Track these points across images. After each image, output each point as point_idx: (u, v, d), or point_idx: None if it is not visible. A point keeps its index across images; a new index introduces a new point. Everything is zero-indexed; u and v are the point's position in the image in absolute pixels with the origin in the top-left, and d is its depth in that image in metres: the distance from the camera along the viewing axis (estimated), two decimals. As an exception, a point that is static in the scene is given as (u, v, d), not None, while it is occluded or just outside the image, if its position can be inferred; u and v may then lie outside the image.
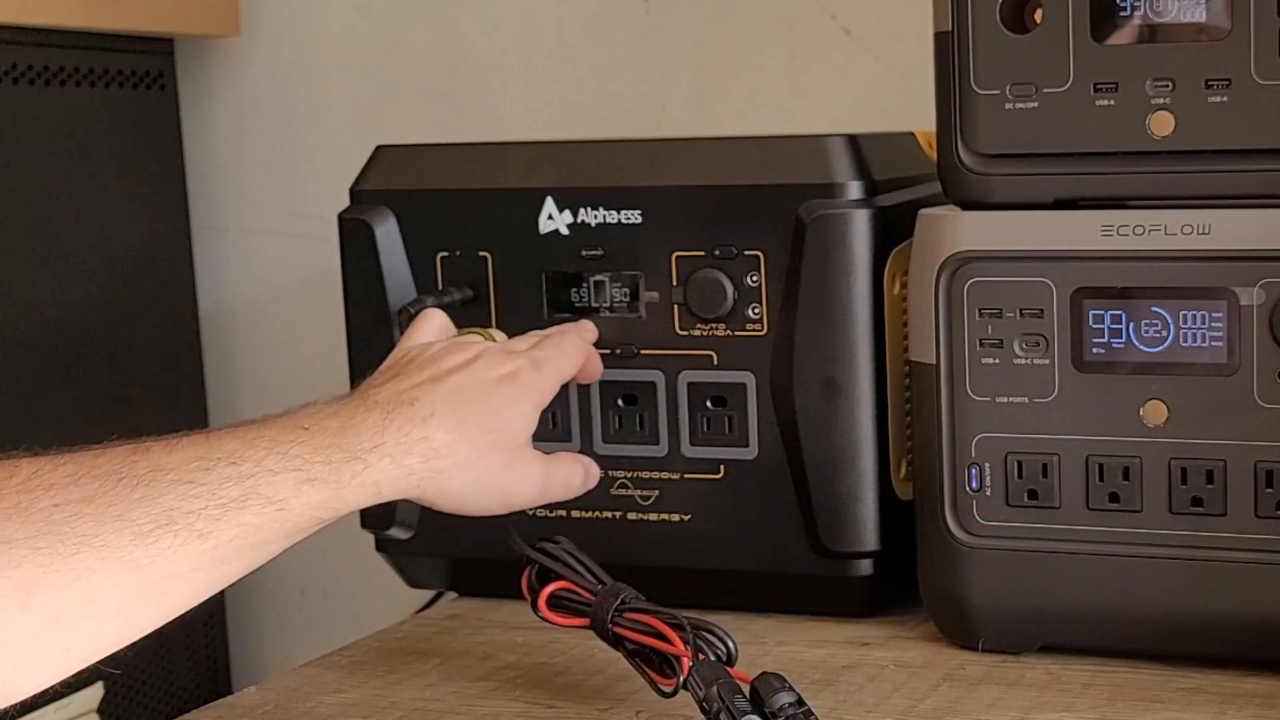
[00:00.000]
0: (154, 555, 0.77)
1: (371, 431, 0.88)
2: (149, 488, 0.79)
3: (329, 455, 0.86)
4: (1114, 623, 0.96)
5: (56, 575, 0.74)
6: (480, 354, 0.97)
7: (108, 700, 1.41)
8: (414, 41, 1.50)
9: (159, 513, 0.78)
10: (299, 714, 0.97)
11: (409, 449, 0.89)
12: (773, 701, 0.82)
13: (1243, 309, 0.92)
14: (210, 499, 0.80)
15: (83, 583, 0.75)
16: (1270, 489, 0.93)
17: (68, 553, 0.75)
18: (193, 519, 0.79)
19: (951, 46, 0.96)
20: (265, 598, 1.61)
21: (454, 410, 0.92)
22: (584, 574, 0.94)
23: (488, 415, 0.93)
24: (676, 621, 0.87)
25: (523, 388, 0.96)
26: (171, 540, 0.78)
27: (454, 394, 0.93)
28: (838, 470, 1.05)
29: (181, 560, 0.79)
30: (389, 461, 0.88)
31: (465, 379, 0.94)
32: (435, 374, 0.94)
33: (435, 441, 0.90)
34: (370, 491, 0.88)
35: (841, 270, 1.04)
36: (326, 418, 0.88)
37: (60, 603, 0.75)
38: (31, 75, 1.35)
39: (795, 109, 1.40)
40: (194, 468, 0.81)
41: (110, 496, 0.77)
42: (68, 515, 0.76)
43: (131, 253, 1.46)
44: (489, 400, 0.94)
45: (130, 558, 0.77)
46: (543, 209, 1.10)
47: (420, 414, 0.91)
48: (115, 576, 0.76)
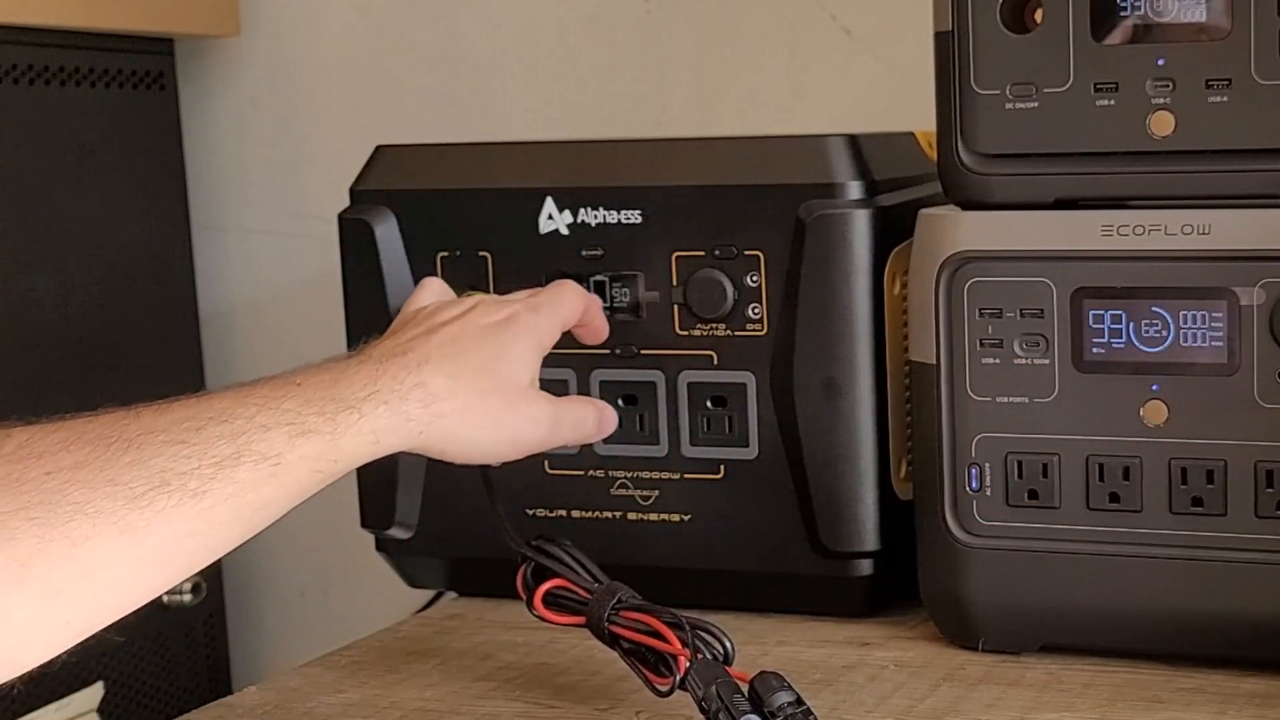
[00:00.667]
0: (149, 519, 0.76)
1: (364, 381, 0.87)
2: (140, 450, 0.78)
3: (322, 406, 0.84)
4: (1114, 623, 0.96)
5: (52, 545, 0.73)
6: (475, 305, 0.96)
7: (108, 700, 1.41)
8: (414, 41, 1.50)
9: (151, 475, 0.77)
10: (299, 714, 0.97)
11: (404, 395, 0.88)
12: (771, 701, 0.82)
13: (1243, 309, 0.92)
14: (202, 458, 0.79)
15: (79, 551, 0.74)
16: (1270, 489, 0.93)
17: (60, 521, 0.74)
18: (186, 479, 0.78)
19: (951, 46, 0.96)
20: (265, 598, 1.62)
21: (449, 357, 0.91)
22: (580, 572, 0.94)
23: (486, 359, 0.92)
24: (674, 620, 0.87)
25: (520, 329, 0.95)
26: (165, 502, 0.77)
27: (449, 342, 0.92)
28: (838, 470, 1.05)
29: (178, 522, 0.77)
30: (385, 409, 0.87)
31: (460, 327, 0.93)
32: (430, 326, 0.94)
33: (432, 386, 0.89)
34: (368, 441, 0.86)
35: (841, 270, 1.04)
36: (319, 372, 0.87)
37: (59, 575, 0.74)
38: (31, 75, 1.35)
39: (795, 109, 1.40)
40: (184, 428, 0.79)
41: (101, 461, 0.76)
42: (60, 483, 0.75)
43: (131, 253, 1.46)
44: (486, 345, 0.93)
45: (125, 521, 0.76)
46: (543, 209, 1.10)
47: (414, 362, 0.90)
48: (111, 542, 0.75)
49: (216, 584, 1.55)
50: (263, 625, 1.62)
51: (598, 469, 1.11)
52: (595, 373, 1.10)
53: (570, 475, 1.11)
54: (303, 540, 1.60)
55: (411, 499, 1.15)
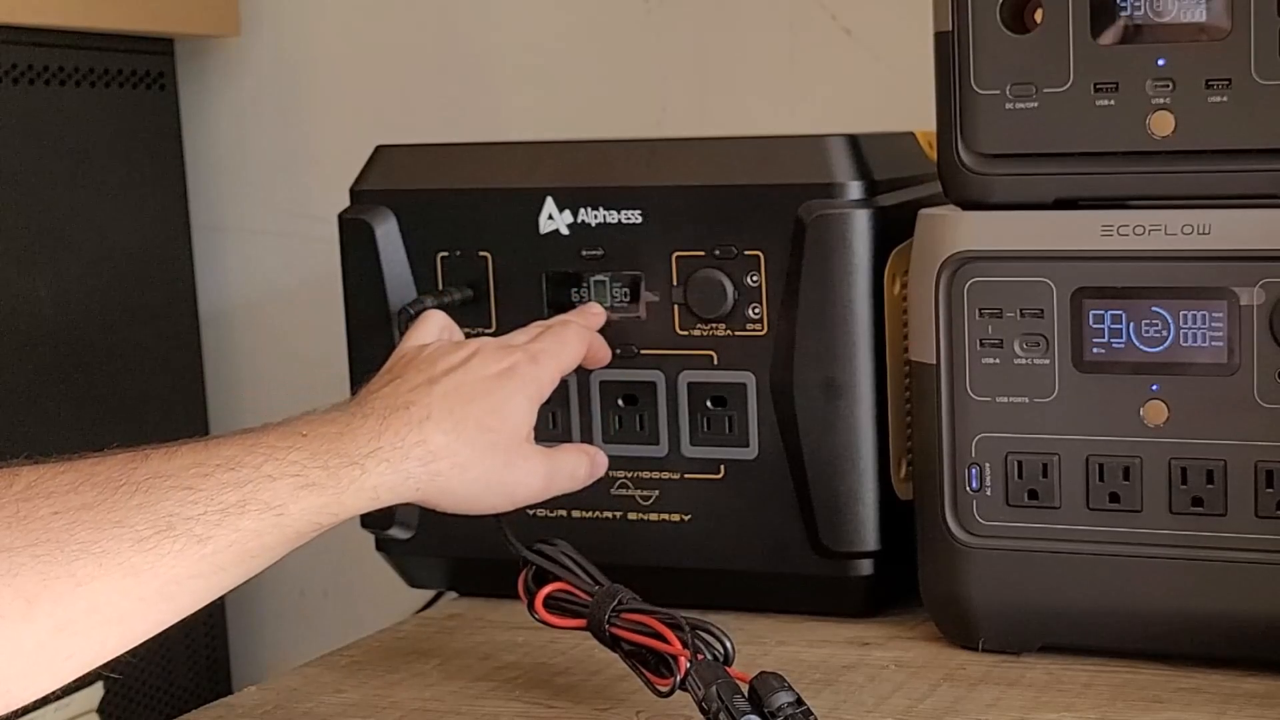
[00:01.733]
0: (153, 561, 0.78)
1: (368, 437, 0.88)
2: (147, 494, 0.79)
3: (326, 461, 0.86)
4: (1114, 623, 0.96)
5: (56, 582, 0.75)
6: (476, 351, 0.97)
7: (108, 700, 1.41)
8: (414, 41, 1.50)
9: (158, 519, 0.78)
10: (299, 714, 0.97)
11: (405, 453, 0.89)
12: (771, 701, 0.82)
13: (1243, 309, 0.92)
14: (209, 505, 0.80)
15: (83, 590, 0.75)
16: (1270, 489, 0.93)
17: (66, 559, 0.75)
18: (192, 525, 0.79)
19: (951, 46, 0.96)
20: (265, 598, 1.61)
21: (451, 412, 0.92)
22: (581, 575, 0.94)
23: (485, 413, 0.93)
24: (674, 621, 0.87)
25: (520, 383, 0.96)
26: (171, 546, 0.78)
27: (450, 394, 0.93)
28: (838, 470, 1.05)
29: (181, 566, 0.79)
30: (386, 466, 0.88)
31: (461, 378, 0.94)
32: (431, 375, 0.94)
33: (433, 444, 0.90)
34: (369, 497, 0.88)
35: (841, 270, 1.04)
36: (324, 424, 0.88)
37: (63, 611, 0.75)
38: (31, 75, 1.35)
39: (795, 109, 1.40)
40: (192, 474, 0.81)
41: (109, 504, 0.78)
42: (67, 523, 0.76)
43: (131, 253, 1.46)
44: (486, 398, 0.94)
45: (130, 564, 0.77)
46: (543, 209, 1.10)
47: (416, 417, 0.91)
48: (116, 583, 0.77)
49: (216, 584, 1.55)
50: (263, 625, 1.62)
51: (598, 469, 1.11)
52: (595, 373, 1.10)
53: (570, 475, 1.11)
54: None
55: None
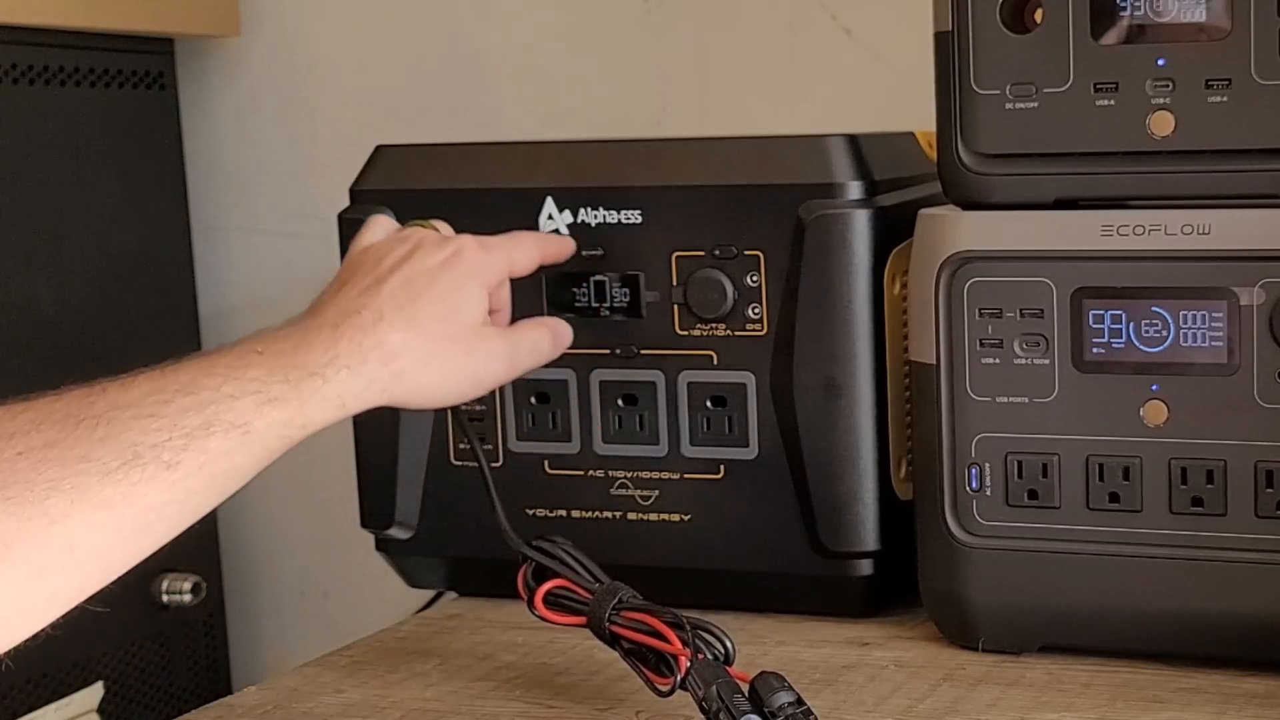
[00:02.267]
0: (125, 492, 0.78)
1: (324, 346, 0.88)
2: (110, 426, 0.79)
3: (286, 374, 0.86)
4: (1114, 623, 0.96)
5: (30, 524, 0.75)
6: (419, 243, 0.96)
7: (108, 700, 1.41)
8: (414, 41, 1.50)
9: (123, 449, 0.78)
10: (299, 714, 0.97)
11: (364, 357, 0.89)
12: (772, 701, 0.82)
13: (1243, 309, 0.92)
14: (173, 430, 0.80)
15: (58, 528, 0.75)
16: (1270, 489, 0.93)
17: (38, 499, 0.75)
18: (158, 451, 0.79)
19: (951, 46, 0.96)
20: (265, 598, 1.62)
21: (402, 309, 0.92)
22: (581, 572, 0.94)
23: (436, 304, 0.93)
24: (675, 620, 0.87)
25: (467, 268, 0.95)
26: (140, 475, 0.78)
27: (398, 291, 0.92)
28: (838, 470, 1.05)
29: (153, 494, 0.79)
30: (347, 373, 0.88)
31: (407, 273, 0.94)
32: (378, 275, 0.94)
33: (390, 344, 0.90)
34: (335, 405, 0.88)
35: (841, 270, 1.04)
36: (278, 339, 0.88)
37: (41, 552, 0.75)
38: (31, 75, 1.35)
39: (795, 109, 1.40)
40: (152, 401, 0.81)
41: (73, 439, 0.77)
42: (33, 462, 0.76)
43: (131, 253, 1.46)
44: (434, 288, 0.93)
45: (101, 497, 0.77)
46: (543, 209, 1.10)
47: (369, 320, 0.90)
48: (89, 517, 0.77)
49: (216, 584, 1.55)
50: (263, 625, 1.62)
51: (598, 469, 1.11)
52: (595, 373, 1.10)
53: (570, 475, 1.11)
54: (303, 540, 1.60)
55: (411, 499, 1.15)
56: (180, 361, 0.85)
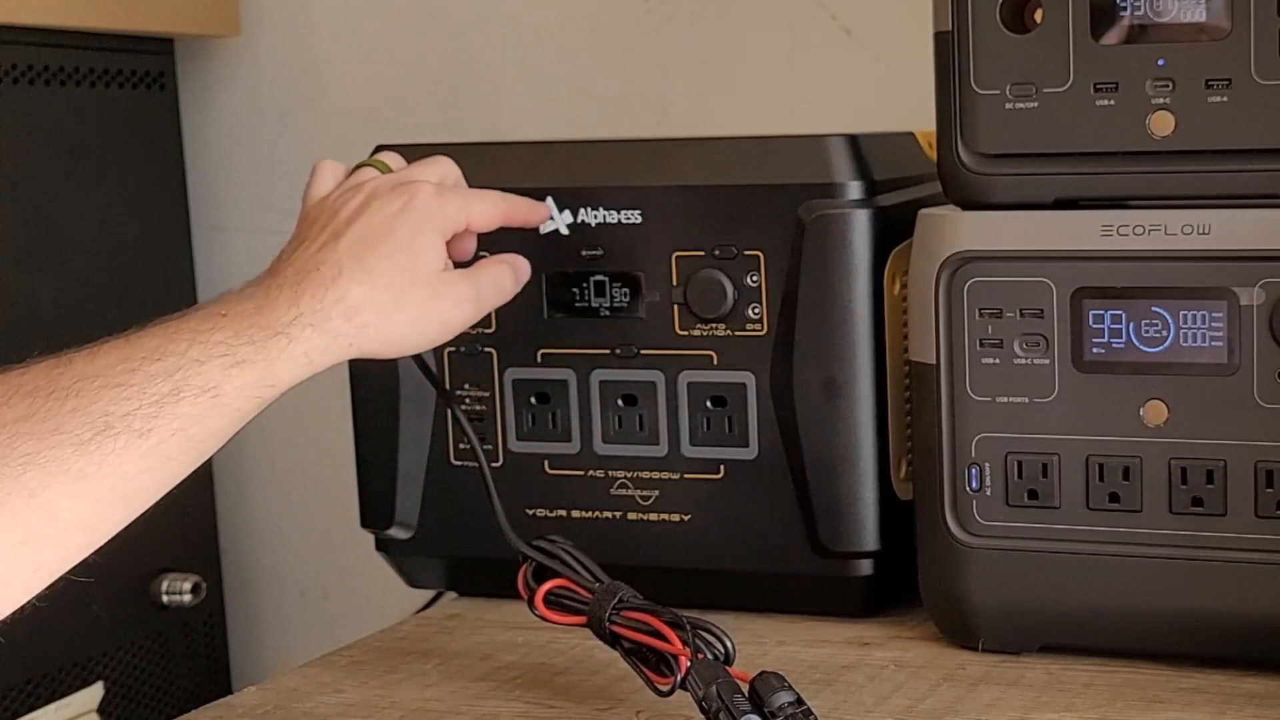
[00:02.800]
0: (99, 462, 0.78)
1: (286, 305, 0.88)
2: (79, 397, 0.79)
3: (251, 335, 0.86)
4: (1114, 623, 0.96)
5: (10, 498, 0.76)
6: (373, 192, 0.96)
7: (108, 700, 1.41)
8: (414, 41, 1.50)
9: (94, 420, 0.79)
10: (299, 714, 0.97)
11: (327, 313, 0.89)
12: (772, 701, 0.82)
13: (1243, 309, 0.92)
14: (142, 398, 0.81)
15: (37, 500, 0.76)
16: (1270, 489, 0.93)
17: (15, 474, 0.76)
18: (130, 420, 0.80)
19: (951, 46, 0.96)
20: (265, 598, 1.62)
21: (360, 261, 0.91)
22: (581, 572, 0.94)
23: (395, 252, 0.92)
24: (675, 620, 0.87)
25: (423, 215, 0.95)
26: (113, 444, 0.79)
27: (356, 244, 0.92)
28: (838, 470, 1.05)
29: (128, 462, 0.80)
30: (312, 330, 0.88)
31: (364, 225, 0.93)
32: (335, 230, 0.93)
33: (352, 298, 0.90)
34: (302, 363, 0.88)
35: (841, 270, 1.04)
36: (241, 301, 0.88)
37: (23, 525, 0.76)
38: (31, 75, 1.35)
39: (795, 109, 1.40)
40: (119, 370, 0.81)
41: (43, 412, 0.78)
42: (6, 437, 0.77)
43: (131, 253, 1.46)
44: (391, 238, 0.93)
45: (76, 468, 0.78)
46: (543, 209, 1.10)
47: (328, 276, 0.90)
48: (68, 489, 0.77)
49: (216, 584, 1.55)
50: (263, 625, 1.62)
51: (598, 469, 1.11)
52: (595, 373, 1.10)
53: (570, 475, 1.11)
54: (303, 540, 1.60)
55: (411, 499, 1.15)
56: (144, 328, 0.85)
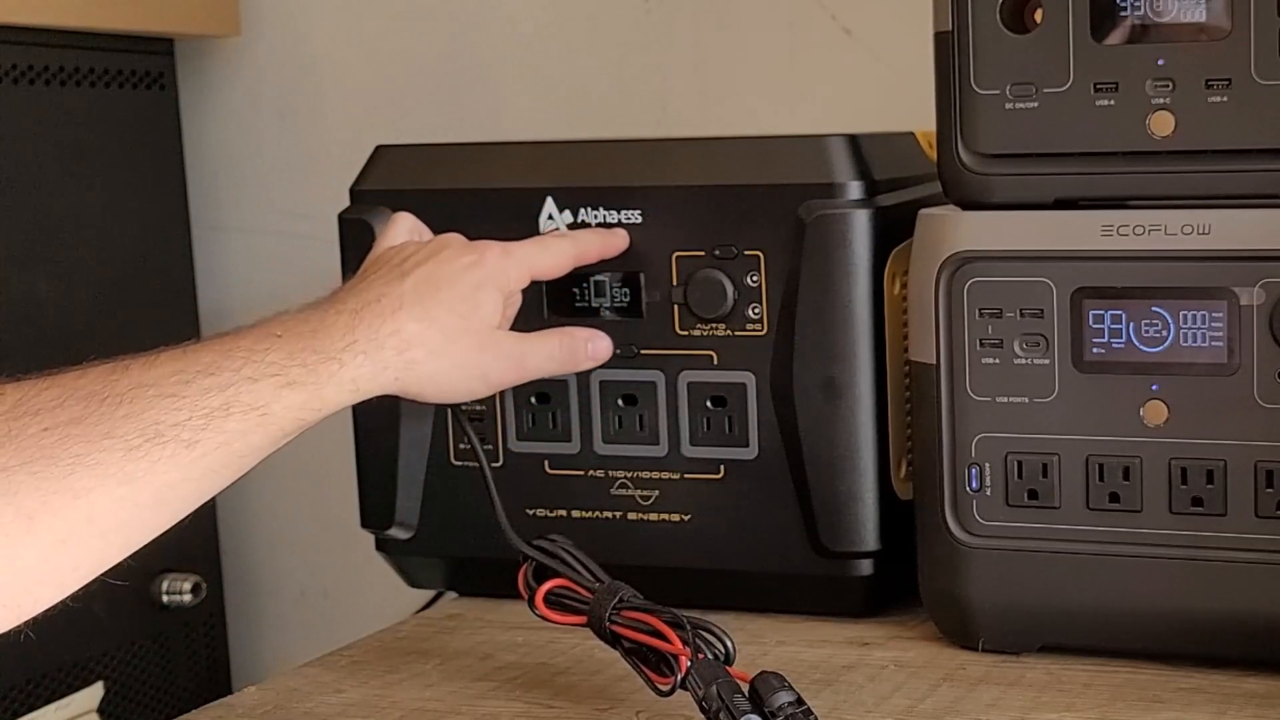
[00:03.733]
0: (146, 469, 0.80)
1: (342, 331, 0.91)
2: (133, 404, 0.81)
3: (304, 358, 0.88)
4: (1114, 623, 0.96)
5: (55, 497, 0.77)
6: (446, 245, 0.99)
7: (108, 700, 1.41)
8: (414, 41, 1.50)
9: (145, 427, 0.81)
10: (299, 714, 0.97)
11: (380, 344, 0.92)
12: (772, 701, 0.82)
13: (1243, 309, 0.92)
14: (194, 410, 0.82)
15: (81, 502, 0.78)
16: (1270, 489, 0.93)
17: (63, 474, 0.77)
18: (179, 430, 0.82)
19: (951, 46, 0.96)
20: (265, 598, 1.62)
21: (421, 300, 0.94)
22: (582, 572, 0.94)
23: (456, 300, 0.95)
24: (675, 620, 0.87)
25: (488, 273, 0.98)
26: (161, 453, 0.81)
27: (421, 284, 0.95)
28: (838, 470, 1.05)
29: (173, 471, 0.81)
30: (363, 358, 0.91)
31: (431, 269, 0.96)
32: (403, 270, 0.96)
33: (406, 333, 0.93)
34: (349, 389, 0.90)
35: (841, 270, 1.04)
36: (298, 323, 0.91)
37: (63, 524, 0.77)
38: (31, 75, 1.35)
39: (795, 109, 1.40)
40: (174, 381, 0.83)
41: (97, 416, 0.80)
42: (58, 438, 0.78)
43: (131, 253, 1.46)
44: (455, 287, 0.96)
45: (124, 473, 0.79)
46: (543, 209, 1.10)
47: (389, 308, 0.93)
48: (111, 492, 0.79)
49: (216, 584, 1.55)
50: (263, 625, 1.62)
51: (598, 469, 1.11)
52: (595, 373, 1.10)
53: (570, 475, 1.11)
54: (303, 540, 1.60)
55: (411, 499, 1.15)
56: (202, 342, 0.87)
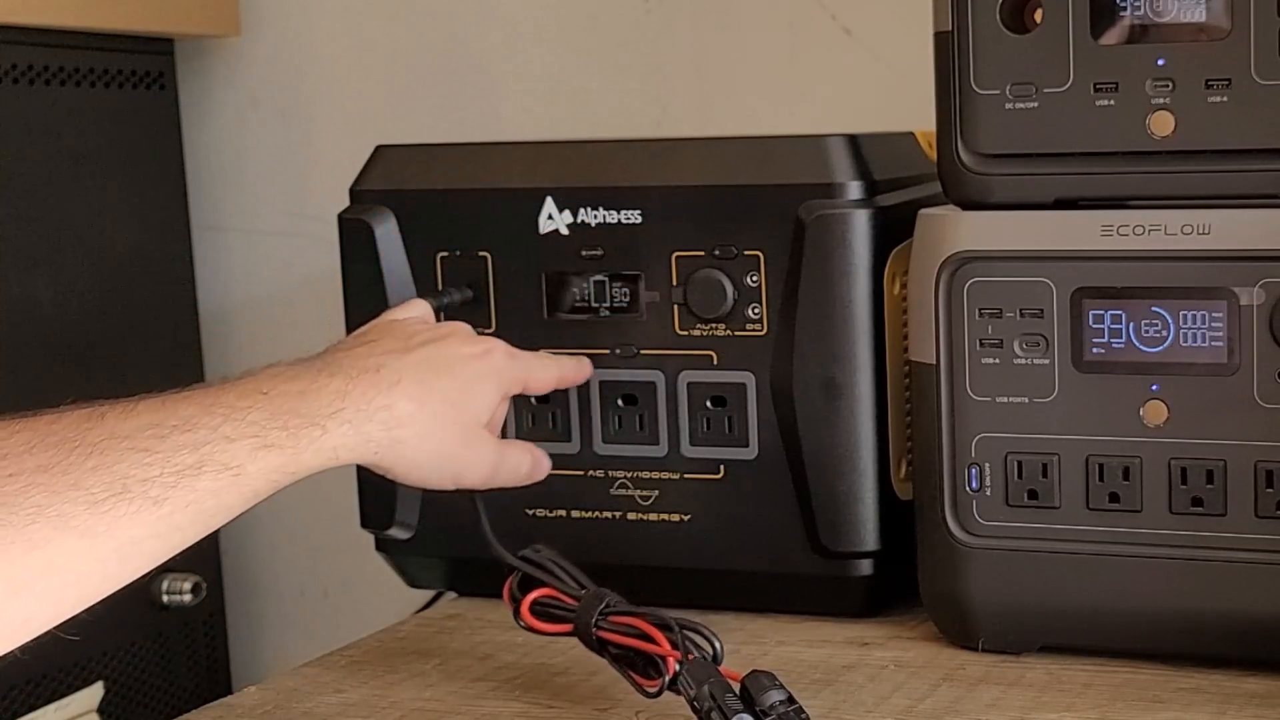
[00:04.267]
0: (109, 524, 0.77)
1: (331, 397, 0.88)
2: (103, 456, 0.78)
3: (286, 421, 0.85)
4: (1114, 623, 0.96)
5: (12, 546, 0.74)
6: (454, 331, 0.98)
7: (108, 700, 1.41)
8: (414, 41, 1.50)
9: (113, 481, 0.78)
10: (299, 714, 0.97)
11: (369, 416, 0.89)
12: (763, 699, 0.82)
13: (1243, 309, 0.92)
14: (165, 466, 0.80)
15: (39, 553, 0.75)
16: (1270, 489, 0.93)
17: (23, 524, 0.75)
18: (147, 487, 0.79)
19: (951, 46, 0.96)
20: (265, 598, 1.62)
21: (420, 380, 0.92)
22: (567, 580, 0.94)
23: (453, 389, 0.94)
24: (663, 622, 0.87)
25: (492, 369, 0.97)
26: (126, 508, 0.78)
27: (422, 364, 0.93)
28: (838, 470, 1.05)
29: (137, 527, 0.79)
30: (348, 428, 0.88)
31: (435, 351, 0.95)
32: (407, 344, 0.94)
33: (398, 410, 0.90)
34: (327, 456, 0.88)
35: (841, 270, 1.04)
36: (286, 381, 0.88)
37: (18, 574, 0.75)
38: (31, 75, 1.35)
39: (795, 109, 1.40)
40: (148, 435, 0.80)
41: (64, 465, 0.77)
42: (22, 485, 0.76)
43: (131, 253, 1.46)
44: (456, 375, 0.94)
45: (84, 526, 0.77)
46: (543, 209, 1.10)
47: (385, 381, 0.91)
48: (71, 544, 0.76)
49: (216, 584, 1.55)
50: (263, 625, 1.62)
51: (598, 469, 1.11)
52: (595, 373, 1.10)
53: (570, 475, 1.11)
54: (303, 540, 1.60)
55: (411, 499, 1.15)
56: (184, 392, 0.84)
